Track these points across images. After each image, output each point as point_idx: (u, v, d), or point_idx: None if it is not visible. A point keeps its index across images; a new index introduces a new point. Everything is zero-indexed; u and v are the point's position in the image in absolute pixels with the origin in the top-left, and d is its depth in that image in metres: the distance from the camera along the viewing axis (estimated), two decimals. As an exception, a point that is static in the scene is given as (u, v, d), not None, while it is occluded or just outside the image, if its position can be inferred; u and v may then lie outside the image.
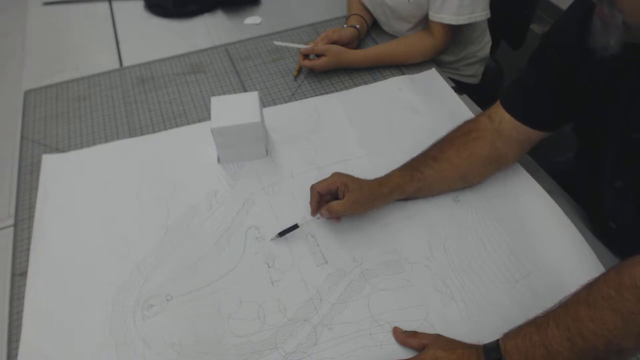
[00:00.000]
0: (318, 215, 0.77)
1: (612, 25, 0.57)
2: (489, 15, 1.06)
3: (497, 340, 0.59)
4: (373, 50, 1.11)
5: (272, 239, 0.78)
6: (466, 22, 1.04)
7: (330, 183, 0.77)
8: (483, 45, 1.22)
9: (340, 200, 0.76)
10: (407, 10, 1.09)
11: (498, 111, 0.80)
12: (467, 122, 0.83)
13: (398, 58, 1.11)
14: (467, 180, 0.83)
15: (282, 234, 0.78)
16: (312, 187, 0.78)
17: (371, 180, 0.79)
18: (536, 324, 0.57)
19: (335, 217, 0.78)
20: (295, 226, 0.78)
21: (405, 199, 0.82)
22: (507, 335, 0.59)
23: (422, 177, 0.79)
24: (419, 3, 1.07)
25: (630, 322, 0.50)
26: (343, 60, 1.09)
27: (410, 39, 1.12)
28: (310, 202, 0.78)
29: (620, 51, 0.58)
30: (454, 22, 1.04)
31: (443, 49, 1.11)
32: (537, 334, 0.56)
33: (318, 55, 1.08)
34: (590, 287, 0.54)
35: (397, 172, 0.80)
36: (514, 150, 0.81)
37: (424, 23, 1.12)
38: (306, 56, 1.09)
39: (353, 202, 0.75)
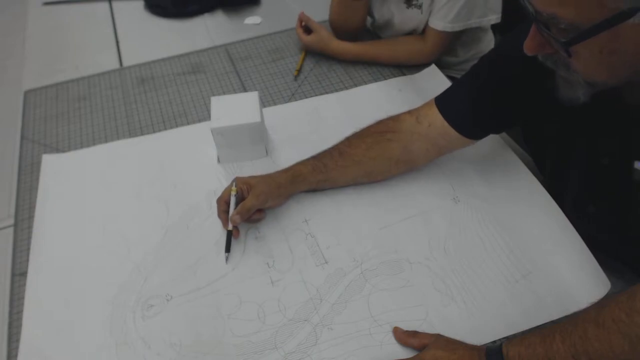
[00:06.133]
0: (230, 226, 0.76)
1: (576, 84, 0.58)
2: (489, 22, 1.07)
3: (500, 345, 0.59)
4: (359, 47, 1.11)
5: (225, 259, 0.77)
6: (457, 29, 1.04)
7: (231, 188, 0.77)
8: (487, 43, 1.22)
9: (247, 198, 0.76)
10: (418, 20, 1.08)
11: (429, 114, 0.78)
12: (388, 120, 0.82)
13: (383, 57, 1.11)
14: (372, 177, 0.84)
15: (227, 249, 0.76)
16: (217, 200, 0.78)
17: (274, 172, 0.80)
18: (542, 335, 0.56)
19: (253, 221, 0.78)
20: (229, 233, 0.77)
21: (315, 190, 0.83)
22: (511, 341, 0.58)
23: (325, 170, 0.80)
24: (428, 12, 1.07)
25: (638, 347, 0.49)
26: (326, 46, 1.12)
27: (399, 39, 1.13)
28: (219, 215, 0.78)
29: (590, 100, 0.58)
30: (448, 29, 1.04)
31: (434, 55, 1.09)
32: (541, 346, 0.55)
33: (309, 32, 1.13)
34: (601, 307, 0.54)
35: (301, 162, 0.81)
36: (430, 154, 0.82)
37: None
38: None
39: (258, 195, 0.76)
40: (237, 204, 0.77)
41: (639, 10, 0.46)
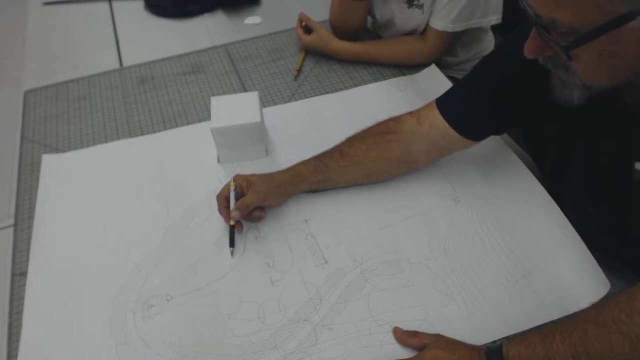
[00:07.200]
0: (231, 221, 0.76)
1: (572, 85, 0.58)
2: (489, 23, 1.07)
3: (500, 345, 0.59)
4: (359, 46, 1.11)
5: (231, 254, 0.77)
6: (458, 29, 1.04)
7: (230, 183, 0.78)
8: (487, 43, 1.22)
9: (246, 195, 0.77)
10: (419, 20, 1.08)
11: (430, 115, 0.78)
12: (389, 121, 0.82)
13: (383, 57, 1.11)
14: (372, 177, 0.84)
15: (232, 244, 0.77)
16: (217, 197, 0.79)
17: (275, 172, 0.81)
18: (542, 335, 0.56)
19: (253, 219, 0.78)
20: (232, 228, 0.77)
21: (315, 190, 0.84)
22: (511, 341, 0.58)
23: (326, 170, 0.80)
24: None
25: (638, 347, 0.49)
26: (326, 46, 1.12)
27: (400, 39, 1.13)
28: (220, 211, 0.78)
29: (588, 100, 0.59)
30: (449, 29, 1.04)
31: (434, 55, 1.10)
32: (541, 346, 0.55)
33: (309, 33, 1.14)
34: (601, 307, 0.53)
35: (302, 162, 0.81)
36: (431, 155, 0.82)
37: None
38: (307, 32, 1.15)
39: (258, 192, 0.76)
40: (236, 199, 0.77)
41: (639, 13, 0.46)
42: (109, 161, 0.93)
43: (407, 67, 1.10)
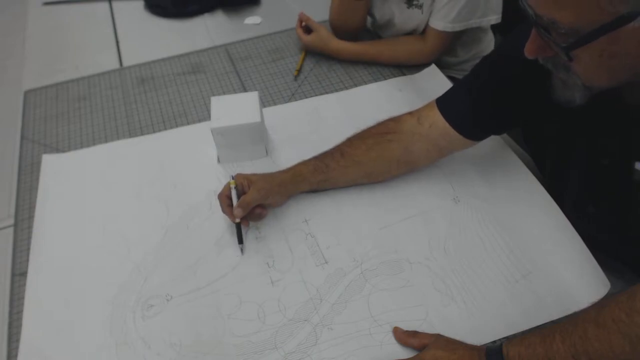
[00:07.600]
0: (237, 219, 0.77)
1: (573, 86, 0.58)
2: (489, 23, 1.07)
3: (500, 345, 0.59)
4: (359, 46, 1.11)
5: (241, 250, 0.77)
6: (458, 29, 1.04)
7: (230, 182, 0.78)
8: (487, 43, 1.22)
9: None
10: (419, 20, 1.08)
11: (430, 115, 0.78)
12: (389, 121, 0.82)
13: (383, 57, 1.11)
14: (372, 177, 0.84)
15: (240, 240, 0.77)
16: (219, 196, 0.79)
17: (275, 172, 0.81)
18: (542, 335, 0.56)
19: (255, 217, 0.78)
20: (238, 225, 0.77)
21: (315, 190, 0.84)
22: (511, 341, 0.58)
23: (326, 170, 0.80)
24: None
25: (638, 347, 0.49)
26: (326, 46, 1.12)
27: (400, 39, 1.13)
28: (224, 210, 0.78)
29: (589, 100, 0.59)
30: (448, 29, 1.04)
31: (434, 55, 1.10)
32: (541, 346, 0.55)
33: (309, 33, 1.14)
34: (601, 307, 0.53)
35: (303, 162, 0.82)
36: (431, 155, 0.82)
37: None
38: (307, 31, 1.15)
39: (259, 190, 0.76)
40: (238, 197, 0.77)
41: (639, 14, 0.46)
42: (109, 161, 0.93)
43: (407, 67, 1.10)
